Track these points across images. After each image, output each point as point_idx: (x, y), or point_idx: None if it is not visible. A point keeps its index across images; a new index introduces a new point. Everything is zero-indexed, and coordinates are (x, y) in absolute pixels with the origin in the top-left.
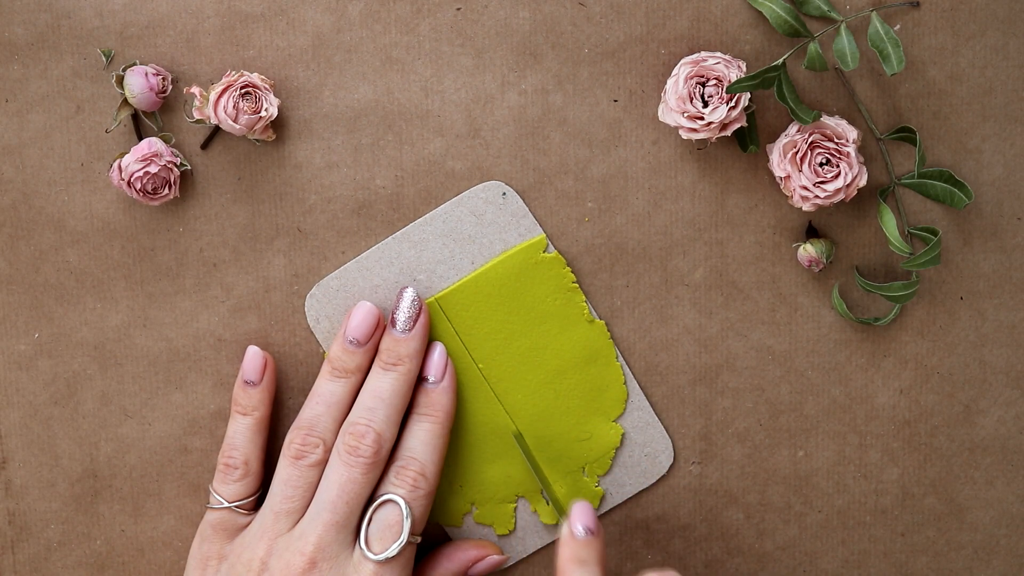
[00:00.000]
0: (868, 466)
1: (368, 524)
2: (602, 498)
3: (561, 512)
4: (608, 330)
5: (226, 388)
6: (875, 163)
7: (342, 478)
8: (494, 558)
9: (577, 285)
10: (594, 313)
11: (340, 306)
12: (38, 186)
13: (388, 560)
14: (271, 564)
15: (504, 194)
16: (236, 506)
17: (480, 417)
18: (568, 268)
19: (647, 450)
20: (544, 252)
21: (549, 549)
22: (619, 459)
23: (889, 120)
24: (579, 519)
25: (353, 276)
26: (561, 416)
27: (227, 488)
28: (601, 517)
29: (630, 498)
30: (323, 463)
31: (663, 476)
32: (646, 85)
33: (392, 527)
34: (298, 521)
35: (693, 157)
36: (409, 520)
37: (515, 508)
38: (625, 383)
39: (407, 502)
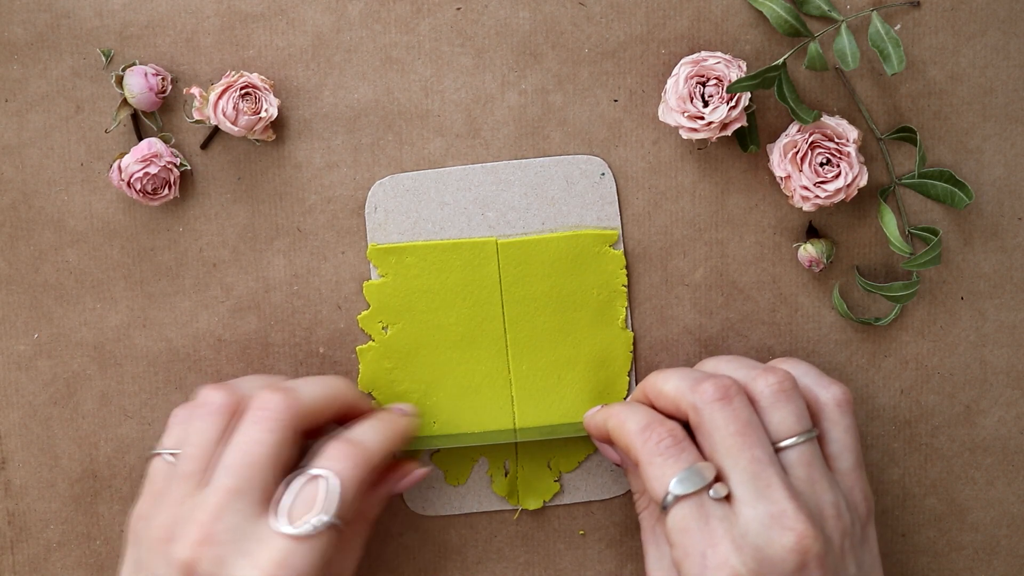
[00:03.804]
0: (869, 466)
1: (287, 498)
2: (556, 494)
3: (514, 490)
4: (633, 344)
5: None
6: (875, 163)
7: (244, 438)
8: (419, 471)
9: (626, 289)
10: (629, 323)
11: (404, 205)
12: (38, 186)
13: (300, 538)
14: (176, 533)
15: (603, 174)
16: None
17: (483, 367)
18: (624, 271)
19: None
20: (611, 246)
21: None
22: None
23: (889, 120)
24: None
25: (427, 182)
26: (554, 402)
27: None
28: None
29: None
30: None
31: None
32: (646, 85)
33: (314, 502)
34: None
35: (693, 157)
36: (337, 497)
37: (474, 465)
38: (626, 397)
39: (338, 477)
